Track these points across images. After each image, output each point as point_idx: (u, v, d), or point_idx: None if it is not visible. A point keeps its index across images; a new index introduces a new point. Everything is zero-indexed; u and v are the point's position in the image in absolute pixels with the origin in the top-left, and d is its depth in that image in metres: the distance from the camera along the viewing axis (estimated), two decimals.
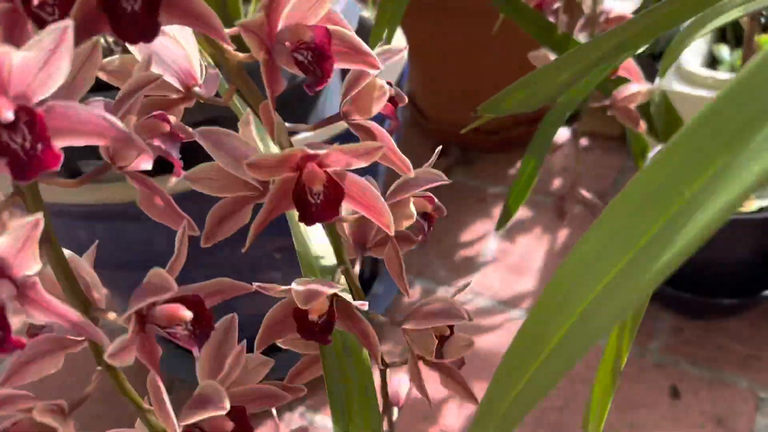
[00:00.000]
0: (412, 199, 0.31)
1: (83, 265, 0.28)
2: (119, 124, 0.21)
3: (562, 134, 0.58)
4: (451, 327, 0.34)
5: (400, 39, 0.67)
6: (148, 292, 0.23)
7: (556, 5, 0.53)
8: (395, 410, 0.39)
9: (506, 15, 0.50)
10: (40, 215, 0.21)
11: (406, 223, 0.31)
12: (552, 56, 0.54)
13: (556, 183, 0.91)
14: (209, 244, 0.31)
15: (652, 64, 0.73)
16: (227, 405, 0.24)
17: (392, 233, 0.29)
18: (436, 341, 0.32)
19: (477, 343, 0.65)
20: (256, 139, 0.30)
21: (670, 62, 0.51)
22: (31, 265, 0.22)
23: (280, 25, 0.25)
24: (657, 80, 0.59)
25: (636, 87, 0.54)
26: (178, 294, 0.24)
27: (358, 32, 0.55)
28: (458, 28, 0.83)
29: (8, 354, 0.22)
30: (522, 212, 0.87)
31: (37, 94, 0.21)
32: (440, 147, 0.36)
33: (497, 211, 0.88)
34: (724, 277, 0.67)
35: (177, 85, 0.28)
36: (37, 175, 0.21)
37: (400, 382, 0.39)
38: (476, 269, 0.80)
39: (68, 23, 0.20)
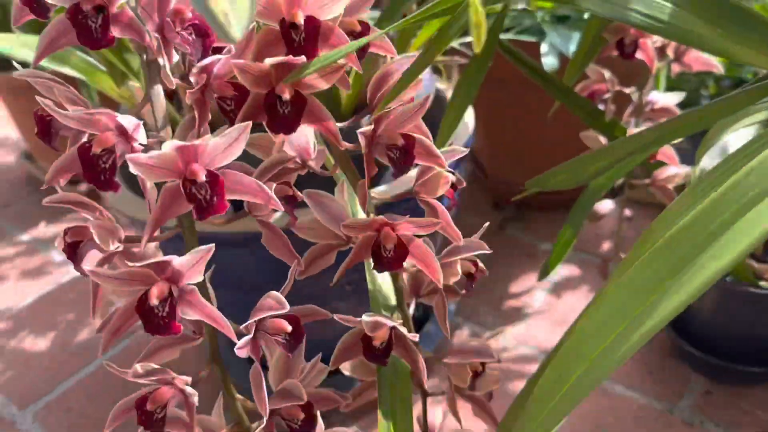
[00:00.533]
0: (459, 262, 0.39)
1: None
2: (268, 190, 0.31)
3: (606, 205, 0.65)
4: (483, 364, 0.42)
5: (468, 111, 0.76)
6: (266, 307, 0.33)
7: (607, 95, 0.61)
8: None
9: (560, 101, 0.59)
10: (212, 245, 0.30)
11: (453, 280, 0.40)
12: (601, 138, 0.62)
13: (606, 246, 0.98)
14: (303, 277, 0.41)
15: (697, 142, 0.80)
16: (305, 398, 0.33)
17: (441, 286, 0.38)
18: (471, 374, 0.40)
19: (517, 386, 0.72)
20: (347, 202, 0.40)
21: (704, 152, 0.58)
22: (197, 277, 0.31)
23: (380, 130, 0.35)
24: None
25: (674, 170, 0.62)
26: (284, 313, 0.33)
27: (434, 103, 0.65)
28: (519, 97, 0.91)
29: (169, 335, 0.31)
30: (570, 270, 0.94)
31: (219, 164, 0.30)
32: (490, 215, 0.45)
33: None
34: (753, 347, 0.73)
35: (297, 158, 0.38)
36: (209, 216, 0.31)
37: (436, 415, 0.48)
38: (522, 319, 0.87)
39: (248, 124, 0.30)
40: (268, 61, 0.32)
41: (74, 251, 0.33)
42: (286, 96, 0.32)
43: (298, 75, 0.32)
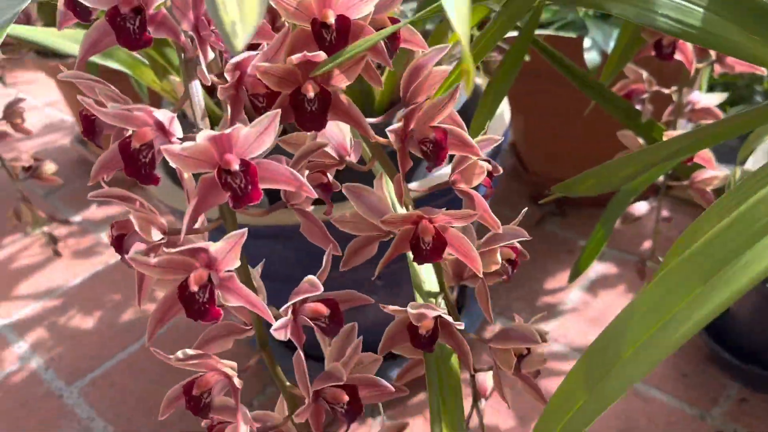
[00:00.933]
0: (499, 249, 0.40)
1: (254, 273, 0.39)
2: (301, 177, 0.32)
3: (641, 207, 0.65)
4: (529, 348, 0.43)
5: (505, 100, 0.76)
6: (303, 291, 0.34)
7: (645, 95, 0.61)
8: (482, 401, 0.48)
9: (596, 101, 0.58)
10: (245, 230, 0.32)
11: (493, 268, 0.40)
12: (639, 139, 0.62)
13: (646, 244, 0.97)
14: (347, 268, 0.42)
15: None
16: (344, 378, 0.35)
17: (481, 275, 0.39)
18: (515, 358, 0.41)
19: (549, 384, 0.72)
20: (386, 194, 0.41)
21: (746, 155, 0.57)
22: (233, 263, 0.33)
23: (412, 125, 0.36)
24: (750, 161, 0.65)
25: (713, 172, 0.61)
26: (321, 297, 0.35)
27: (470, 99, 0.65)
28: (559, 91, 0.91)
29: (211, 322, 0.33)
30: (608, 268, 0.94)
31: (252, 153, 0.32)
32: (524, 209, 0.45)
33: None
34: None
35: (334, 154, 0.39)
36: (245, 205, 0.32)
37: (485, 380, 0.48)
38: (555, 316, 0.87)
39: (277, 112, 0.31)
40: (290, 59, 0.33)
41: (120, 243, 0.34)
42: (311, 94, 0.33)
43: (321, 69, 0.34)
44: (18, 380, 0.86)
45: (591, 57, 0.77)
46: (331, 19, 0.34)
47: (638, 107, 0.60)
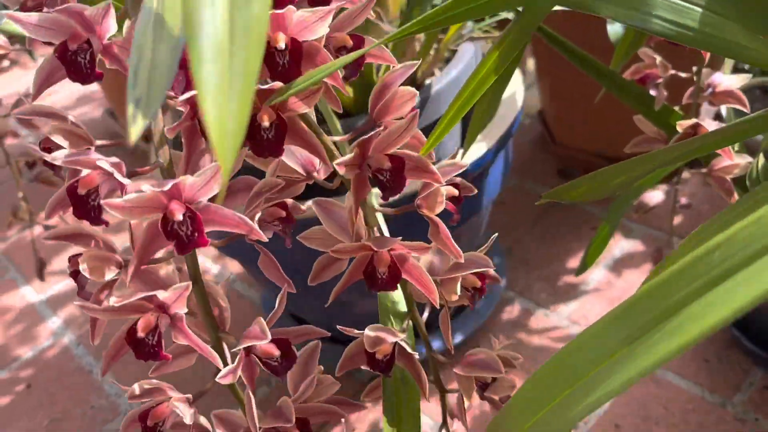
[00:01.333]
0: (460, 278, 0.39)
1: (218, 293, 0.39)
2: (248, 220, 0.32)
3: (656, 197, 0.62)
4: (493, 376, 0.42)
5: (517, 78, 0.72)
6: (251, 336, 0.34)
7: (659, 80, 0.57)
8: (453, 421, 0.48)
9: (606, 88, 0.55)
10: (189, 283, 0.31)
11: (454, 298, 0.39)
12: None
13: (676, 220, 0.93)
14: (314, 283, 0.41)
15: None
16: (292, 420, 0.34)
17: (437, 305, 0.37)
18: (475, 387, 0.40)
19: None
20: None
21: None
22: (181, 308, 0.33)
23: (369, 153, 0.34)
24: None
25: (732, 161, 0.57)
26: (273, 336, 0.34)
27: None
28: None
29: (159, 361, 0.33)
30: (634, 245, 0.90)
31: (199, 200, 0.31)
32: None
33: (612, 243, 0.91)
34: None
35: (300, 170, 0.38)
36: (190, 251, 0.32)
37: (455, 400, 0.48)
38: (577, 297, 0.85)
39: (217, 165, 0.30)
40: None
41: (77, 278, 0.35)
42: (266, 123, 0.32)
43: (276, 99, 0.32)
44: (51, 355, 0.90)
45: (614, 29, 0.72)
46: (282, 44, 0.33)
47: (653, 93, 0.56)
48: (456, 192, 0.37)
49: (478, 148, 0.62)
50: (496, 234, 0.42)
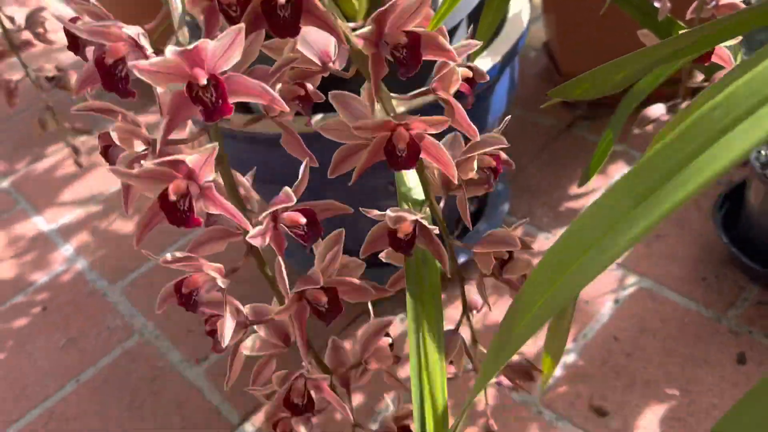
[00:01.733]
0: (476, 157, 0.40)
1: (241, 179, 0.41)
2: (270, 90, 0.33)
3: (657, 110, 0.63)
4: (510, 252, 0.44)
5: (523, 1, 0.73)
6: (278, 202, 0.36)
7: None
8: (473, 313, 0.50)
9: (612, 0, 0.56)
10: (216, 144, 0.33)
11: (471, 175, 0.40)
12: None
13: None
14: (334, 175, 0.43)
15: None
16: (321, 282, 0.37)
17: (455, 181, 0.39)
18: (494, 262, 0.42)
19: None
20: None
21: None
22: (209, 174, 0.34)
23: (386, 29, 0.36)
24: None
25: None
26: (298, 206, 0.36)
27: None
28: None
29: (192, 228, 0.35)
30: None
31: (222, 68, 0.32)
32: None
33: (613, 168, 0.93)
34: None
35: (316, 60, 0.40)
36: (217, 119, 0.33)
37: (476, 295, 0.50)
38: None
39: (241, 26, 0.31)
40: None
41: (107, 154, 0.36)
42: (282, 0, 0.33)
43: None
44: (65, 280, 0.92)
45: None
46: None
47: (657, 4, 0.57)
48: (470, 73, 0.39)
49: (484, 63, 0.63)
50: (509, 116, 0.43)
